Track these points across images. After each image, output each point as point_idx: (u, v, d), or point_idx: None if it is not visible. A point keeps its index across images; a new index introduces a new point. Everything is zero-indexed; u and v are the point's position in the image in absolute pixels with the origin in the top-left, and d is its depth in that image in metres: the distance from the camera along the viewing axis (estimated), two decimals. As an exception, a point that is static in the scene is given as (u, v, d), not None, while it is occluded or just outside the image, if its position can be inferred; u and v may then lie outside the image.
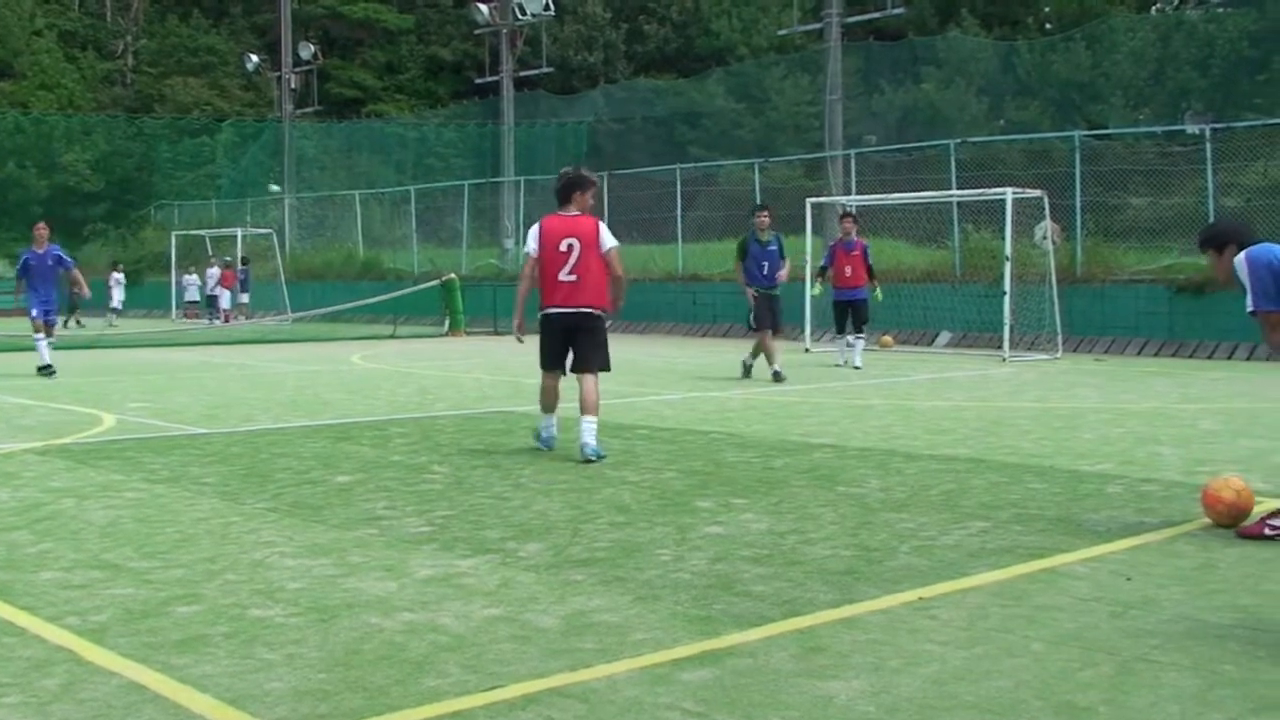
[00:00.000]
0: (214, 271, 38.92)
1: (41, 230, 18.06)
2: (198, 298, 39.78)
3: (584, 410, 9.39)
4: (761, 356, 16.42)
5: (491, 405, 13.25)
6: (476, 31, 41.31)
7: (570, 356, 9.59)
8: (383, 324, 31.70)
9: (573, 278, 9.41)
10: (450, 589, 5.39)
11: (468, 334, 29.47)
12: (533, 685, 4.13)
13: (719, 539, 6.40)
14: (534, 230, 9.66)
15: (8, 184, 55.84)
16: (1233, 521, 6.55)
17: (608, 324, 9.65)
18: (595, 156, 42.27)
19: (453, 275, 30.70)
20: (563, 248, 9.42)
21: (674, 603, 5.16)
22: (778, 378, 16.00)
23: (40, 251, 17.81)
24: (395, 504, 7.42)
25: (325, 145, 51.51)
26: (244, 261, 39.27)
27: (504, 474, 8.56)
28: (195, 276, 40.18)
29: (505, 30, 38.08)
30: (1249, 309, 6.45)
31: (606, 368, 9.68)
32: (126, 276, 40.84)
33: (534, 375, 10.21)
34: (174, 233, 44.38)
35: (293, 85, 46.17)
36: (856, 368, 18.49)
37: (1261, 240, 6.63)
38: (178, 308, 40.21)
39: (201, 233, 43.53)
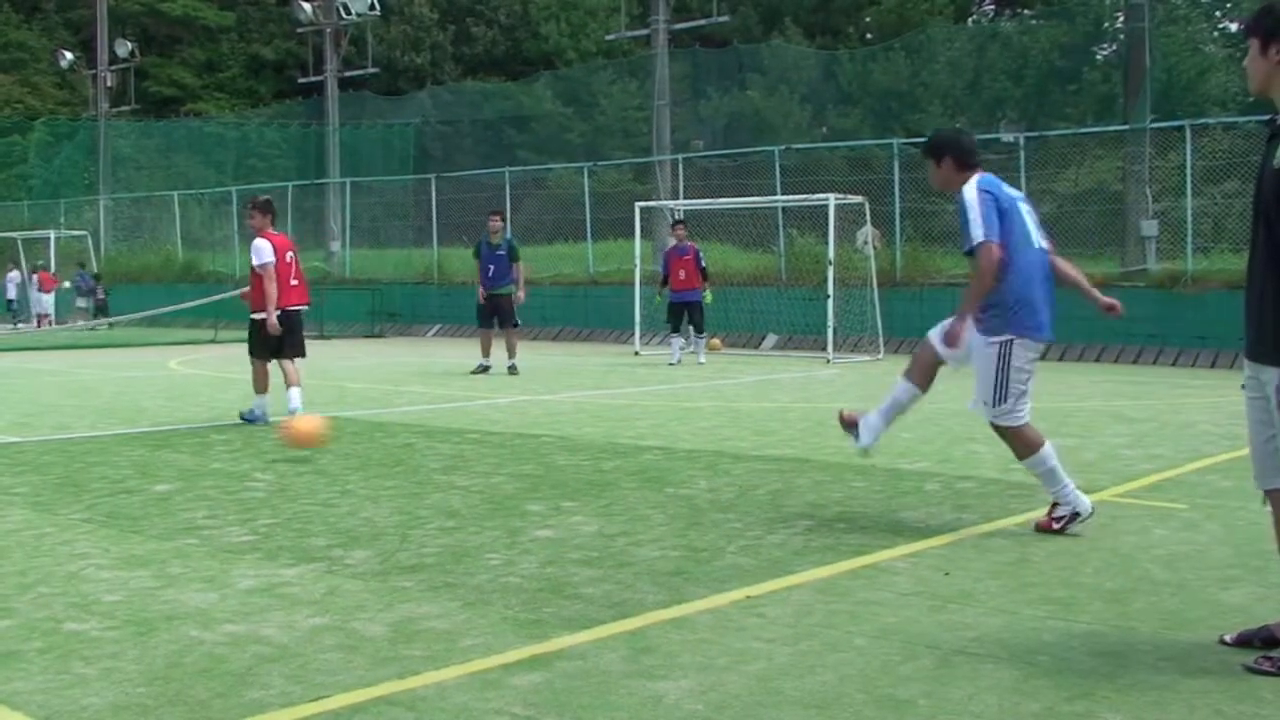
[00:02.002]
0: (14, 275, 37.83)
1: None
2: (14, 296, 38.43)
3: (294, 384, 11.84)
4: (501, 352, 18.01)
5: (315, 411, 13.00)
6: (300, 30, 40.58)
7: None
8: (203, 328, 30.93)
9: (295, 282, 12.07)
10: (274, 599, 5.28)
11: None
12: (360, 695, 4.08)
13: (549, 542, 6.40)
14: (267, 245, 11.83)
15: None
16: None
17: None
18: (423, 159, 41.89)
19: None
20: (288, 258, 12.03)
21: (504, 607, 5.14)
22: (513, 370, 17.64)
23: None
24: (216, 513, 7.24)
25: (143, 145, 50.05)
26: (82, 265, 38.11)
27: (330, 480, 8.42)
28: (16, 274, 38.86)
29: (329, 29, 37.52)
30: (975, 241, 6.28)
31: None
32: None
33: (360, 380, 10.15)
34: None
35: (109, 83, 44.82)
36: (700, 363, 19.75)
37: (981, 159, 6.74)
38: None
39: (13, 235, 41.94)
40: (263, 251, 11.74)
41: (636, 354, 22.18)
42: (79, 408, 13.52)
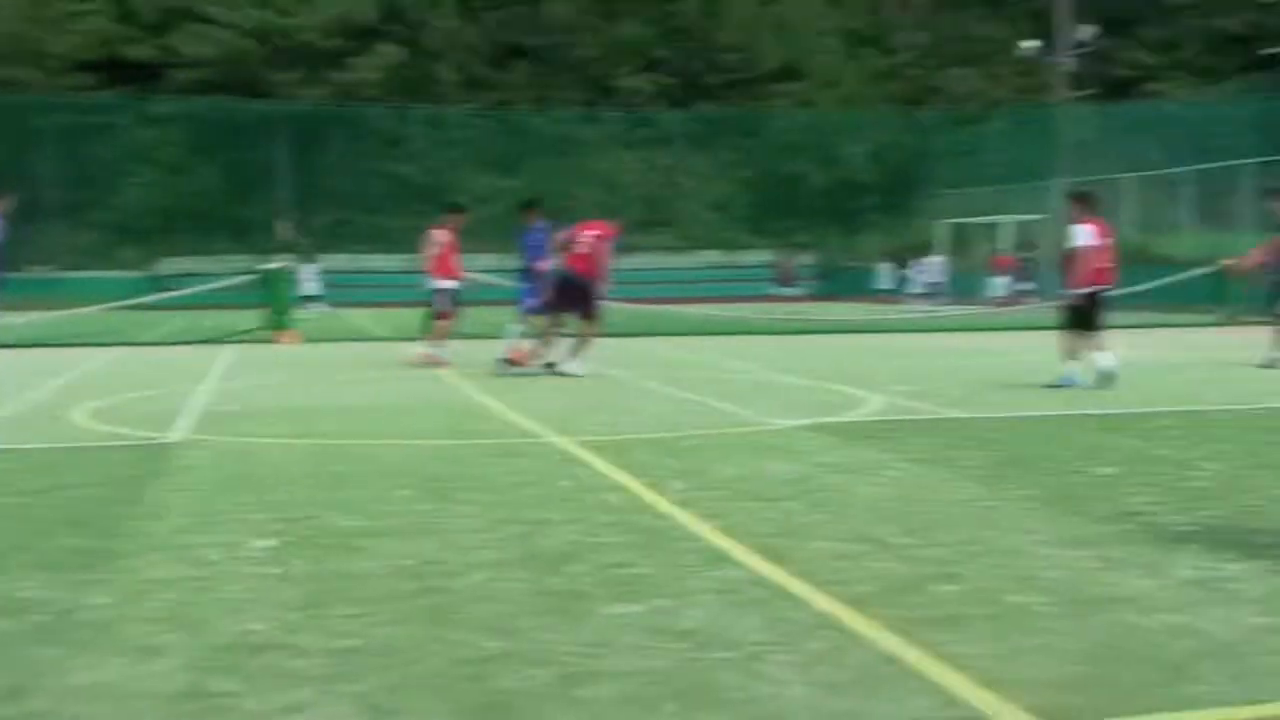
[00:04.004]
0: (936, 260, 40.14)
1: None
2: (939, 279, 40.71)
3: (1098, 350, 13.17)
4: None
5: (1274, 401, 12.31)
6: (1266, 1, 38.55)
7: None
8: (1153, 311, 30.44)
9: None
10: (1214, 593, 5.09)
11: (1248, 324, 27.55)
12: (1303, 704, 3.82)
13: None
14: (1083, 230, 13.49)
15: (792, 179, 59.96)
16: None
17: None
18: None
19: (1231, 262, 28.85)
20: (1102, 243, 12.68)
21: None
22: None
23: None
24: (1160, 500, 7.11)
25: (1100, 128, 50.34)
26: (1029, 248, 39.59)
27: (1282, 475, 7.95)
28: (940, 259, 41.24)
29: (1299, -4, 35.23)
30: None
31: None
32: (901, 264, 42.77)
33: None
34: (943, 221, 45.47)
35: (1068, 69, 45.55)
36: None
37: None
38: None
39: (970, 220, 44.22)
40: (1078, 235, 13.56)
41: None
42: (1021, 386, 13.88)
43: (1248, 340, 18.33)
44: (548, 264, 15.98)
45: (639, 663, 4.28)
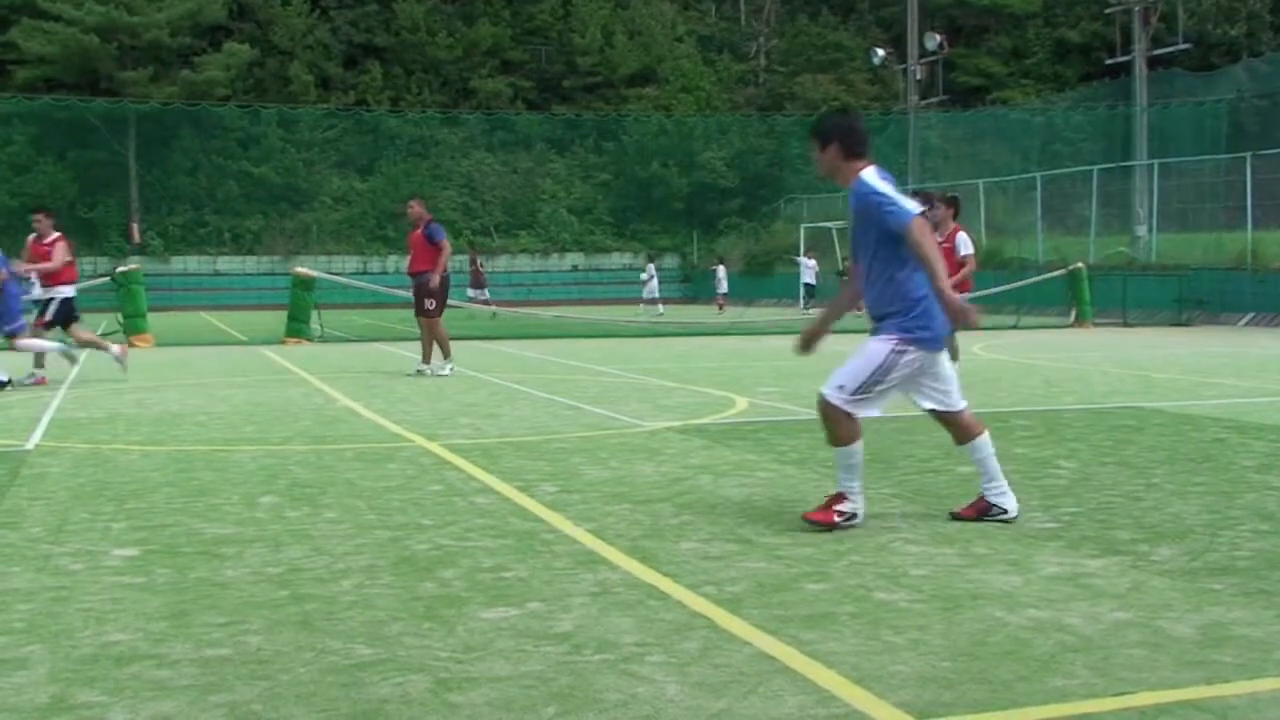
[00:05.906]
0: (811, 263, 40.78)
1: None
2: (813, 281, 41.38)
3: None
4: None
5: (1121, 400, 12.71)
6: (1107, 11, 39.86)
7: None
8: (1005, 314, 31.26)
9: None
10: (1077, 588, 5.23)
11: (1095, 325, 28.47)
12: (1165, 695, 3.93)
13: (1381, 555, 5.79)
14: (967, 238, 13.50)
15: (652, 182, 60.28)
16: None
17: None
18: (1237, 136, 39.49)
19: (1080, 265, 29.79)
20: None
21: (1326, 621, 4.73)
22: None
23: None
24: (1020, 497, 7.27)
25: (949, 135, 51.50)
26: None
27: (1135, 472, 8.19)
28: (814, 262, 41.86)
29: (1138, 7, 36.40)
30: (912, 214, 6.75)
31: None
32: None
33: (1166, 370, 9.76)
34: (802, 225, 46.09)
35: (918, 76, 46.51)
36: None
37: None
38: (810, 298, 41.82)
39: (828, 225, 44.87)
40: (965, 243, 13.44)
41: None
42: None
43: (1098, 341, 18.88)
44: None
45: (515, 667, 4.26)
